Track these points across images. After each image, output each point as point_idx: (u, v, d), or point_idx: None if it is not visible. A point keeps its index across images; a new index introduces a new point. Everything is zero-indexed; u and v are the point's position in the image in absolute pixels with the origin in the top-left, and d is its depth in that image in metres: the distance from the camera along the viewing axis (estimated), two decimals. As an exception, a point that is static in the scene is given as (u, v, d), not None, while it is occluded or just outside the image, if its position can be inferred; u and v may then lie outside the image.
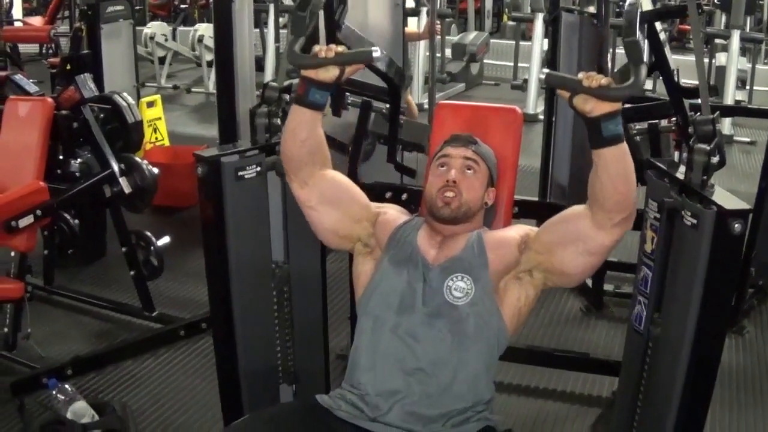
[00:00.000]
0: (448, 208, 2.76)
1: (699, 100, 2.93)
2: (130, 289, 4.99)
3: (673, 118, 4.32)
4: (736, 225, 2.44)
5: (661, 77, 4.35)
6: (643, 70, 2.43)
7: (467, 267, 2.69)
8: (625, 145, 2.47)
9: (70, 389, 3.73)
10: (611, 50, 7.75)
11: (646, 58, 3.26)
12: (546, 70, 2.53)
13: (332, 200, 2.86)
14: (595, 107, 2.42)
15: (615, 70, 7.50)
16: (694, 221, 2.52)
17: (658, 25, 4.09)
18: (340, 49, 2.68)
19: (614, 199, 2.51)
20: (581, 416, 4.07)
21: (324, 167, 2.86)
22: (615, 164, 2.47)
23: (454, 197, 2.76)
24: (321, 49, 2.66)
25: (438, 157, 2.89)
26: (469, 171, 2.82)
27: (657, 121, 4.39)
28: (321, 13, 3.32)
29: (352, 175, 3.91)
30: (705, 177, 2.65)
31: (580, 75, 2.43)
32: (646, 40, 3.50)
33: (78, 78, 4.64)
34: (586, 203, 2.59)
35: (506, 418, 3.06)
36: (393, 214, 2.93)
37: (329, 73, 2.68)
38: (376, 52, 2.66)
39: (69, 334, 4.83)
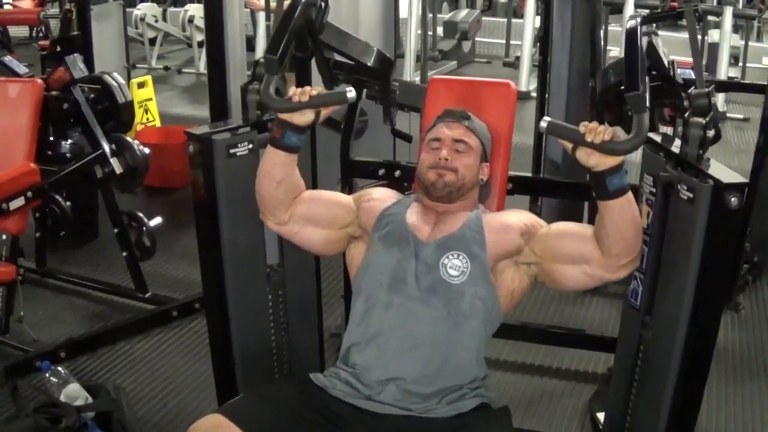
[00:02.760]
0: (441, 181, 2.75)
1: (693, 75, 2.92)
2: (122, 270, 4.97)
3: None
4: (733, 199, 2.42)
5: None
6: (646, 120, 2.42)
7: (464, 245, 2.68)
8: (630, 194, 2.49)
9: (63, 372, 3.71)
10: (604, 26, 7.71)
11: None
12: (547, 119, 2.49)
13: (315, 220, 2.88)
14: (600, 162, 2.44)
15: (607, 46, 7.50)
16: (690, 195, 2.50)
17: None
18: (314, 92, 2.68)
19: (621, 245, 2.54)
20: (577, 393, 4.06)
21: (298, 196, 2.87)
22: (621, 214, 2.50)
23: (448, 171, 2.76)
24: (295, 92, 2.68)
25: (431, 134, 2.88)
26: (461, 149, 2.81)
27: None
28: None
29: (345, 152, 3.88)
30: (701, 151, 2.63)
31: (582, 128, 2.42)
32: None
33: (68, 58, 4.60)
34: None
35: (501, 395, 3.05)
36: (378, 197, 2.93)
37: (305, 117, 2.70)
38: (351, 93, 2.68)
39: (62, 316, 4.82)
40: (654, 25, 3.17)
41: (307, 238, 2.89)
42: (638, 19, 2.70)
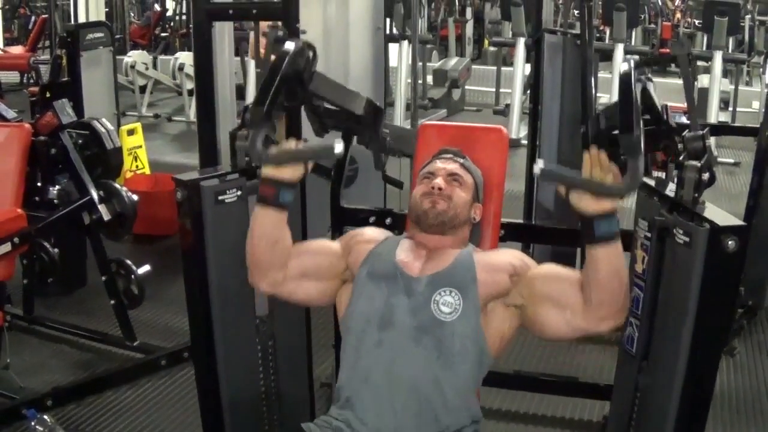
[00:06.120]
0: (435, 210, 2.72)
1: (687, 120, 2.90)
2: (110, 318, 4.92)
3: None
4: (731, 242, 2.39)
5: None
6: (641, 164, 2.36)
7: (456, 282, 2.63)
8: (618, 245, 2.42)
9: (49, 421, 3.67)
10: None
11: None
12: (541, 166, 2.40)
13: (310, 273, 2.80)
14: (590, 205, 2.38)
15: (597, 93, 7.52)
16: (687, 239, 2.47)
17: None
18: (301, 145, 2.67)
19: (602, 295, 2.47)
20: (572, 441, 4.01)
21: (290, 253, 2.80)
22: (606, 263, 2.43)
23: (441, 200, 2.72)
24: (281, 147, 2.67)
25: (425, 169, 2.85)
26: (455, 182, 2.78)
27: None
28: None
29: (335, 199, 3.85)
30: (696, 194, 2.61)
31: (585, 155, 2.38)
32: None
33: (56, 103, 4.59)
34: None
35: (495, 445, 3.02)
36: (367, 238, 2.87)
37: (298, 172, 2.66)
38: (338, 148, 2.60)
39: (49, 364, 4.76)
40: (646, 71, 3.14)
41: (305, 293, 2.82)
42: (631, 62, 2.67)
